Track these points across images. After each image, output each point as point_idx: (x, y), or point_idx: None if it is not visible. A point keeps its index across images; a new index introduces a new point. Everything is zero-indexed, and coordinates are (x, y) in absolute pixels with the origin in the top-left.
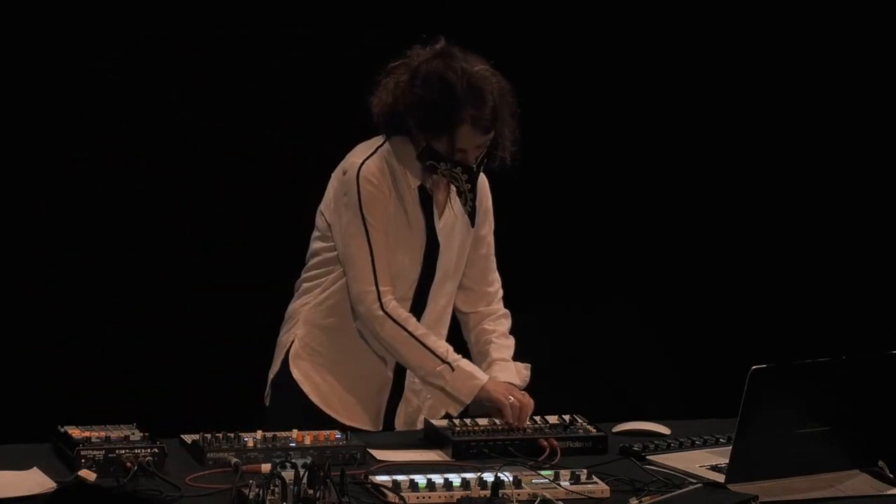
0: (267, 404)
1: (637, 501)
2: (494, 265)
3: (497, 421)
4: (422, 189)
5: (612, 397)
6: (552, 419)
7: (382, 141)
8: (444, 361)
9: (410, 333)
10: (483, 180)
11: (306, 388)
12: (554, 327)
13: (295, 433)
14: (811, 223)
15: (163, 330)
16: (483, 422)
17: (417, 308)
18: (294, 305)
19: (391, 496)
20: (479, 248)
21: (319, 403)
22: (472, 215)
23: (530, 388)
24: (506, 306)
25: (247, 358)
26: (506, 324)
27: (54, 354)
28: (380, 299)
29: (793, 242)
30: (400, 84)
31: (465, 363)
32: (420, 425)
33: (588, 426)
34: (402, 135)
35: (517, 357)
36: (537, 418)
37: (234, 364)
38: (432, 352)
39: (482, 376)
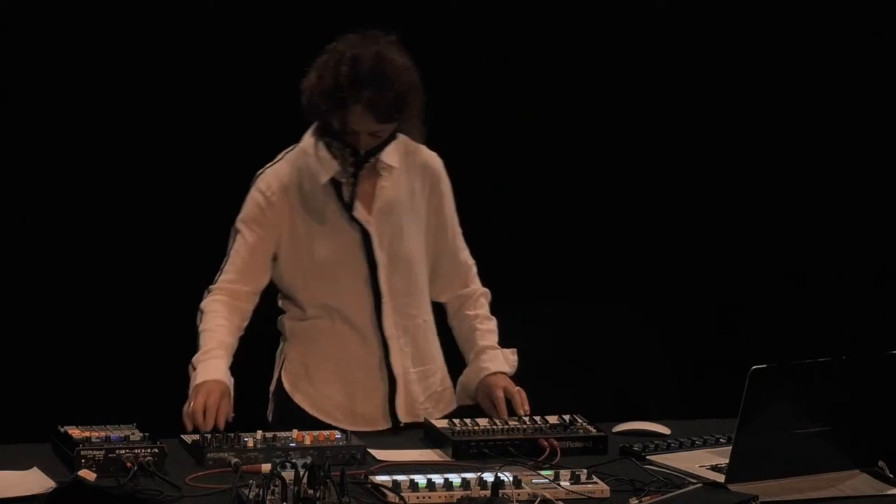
0: (270, 420)
1: (637, 501)
2: (463, 245)
3: (497, 421)
4: (335, 182)
5: (612, 397)
6: (552, 419)
7: (294, 146)
8: (195, 362)
9: (197, 326)
10: (438, 162)
11: (297, 398)
12: (555, 327)
13: (295, 433)
14: (811, 224)
15: (163, 330)
16: (483, 422)
17: (376, 298)
18: (281, 318)
19: (391, 496)
20: (444, 231)
21: (316, 413)
22: (349, 204)
23: (531, 387)
24: (507, 306)
25: (247, 358)
26: (485, 304)
27: (54, 354)
28: (206, 295)
29: (793, 243)
30: (321, 63)
31: (206, 365)
32: (422, 416)
33: (588, 426)
34: (318, 118)
35: (519, 356)
36: (537, 418)
37: (234, 364)
38: (199, 347)
39: (202, 377)
